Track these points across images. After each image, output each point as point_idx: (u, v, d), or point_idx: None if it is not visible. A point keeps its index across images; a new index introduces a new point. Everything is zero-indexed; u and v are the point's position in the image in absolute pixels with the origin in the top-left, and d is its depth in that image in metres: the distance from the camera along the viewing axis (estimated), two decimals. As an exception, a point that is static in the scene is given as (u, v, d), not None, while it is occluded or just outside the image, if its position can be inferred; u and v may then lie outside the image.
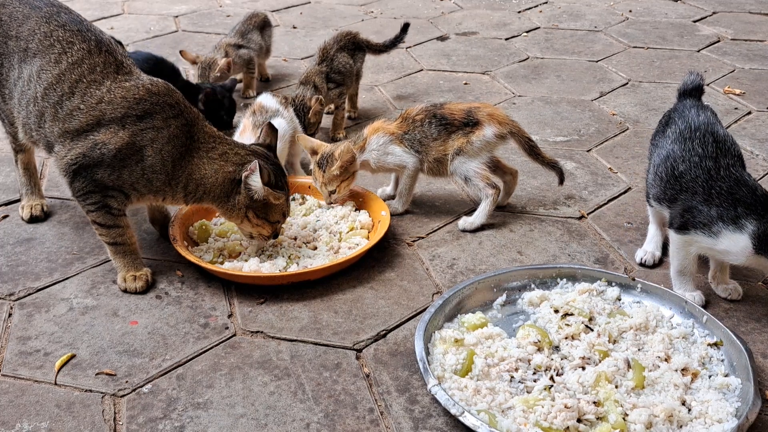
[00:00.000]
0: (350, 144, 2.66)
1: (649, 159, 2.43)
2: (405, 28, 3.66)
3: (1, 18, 2.38)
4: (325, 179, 2.63)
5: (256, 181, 2.27)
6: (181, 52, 3.63)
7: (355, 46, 3.51)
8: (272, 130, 2.49)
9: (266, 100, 2.96)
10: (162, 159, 2.24)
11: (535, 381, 1.91)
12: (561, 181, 2.77)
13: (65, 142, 2.25)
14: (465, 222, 2.70)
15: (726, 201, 2.06)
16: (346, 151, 2.60)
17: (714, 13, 5.25)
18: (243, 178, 2.28)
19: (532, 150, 2.73)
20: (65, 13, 2.36)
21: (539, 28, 5.00)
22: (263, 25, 4.04)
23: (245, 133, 2.84)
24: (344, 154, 2.59)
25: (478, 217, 2.69)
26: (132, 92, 2.24)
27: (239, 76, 4.03)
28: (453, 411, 1.78)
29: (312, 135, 3.20)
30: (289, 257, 2.44)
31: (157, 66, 3.27)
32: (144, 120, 2.22)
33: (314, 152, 2.68)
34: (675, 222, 2.18)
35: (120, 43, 3.38)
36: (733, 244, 2.05)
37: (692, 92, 2.43)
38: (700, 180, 2.13)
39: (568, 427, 1.76)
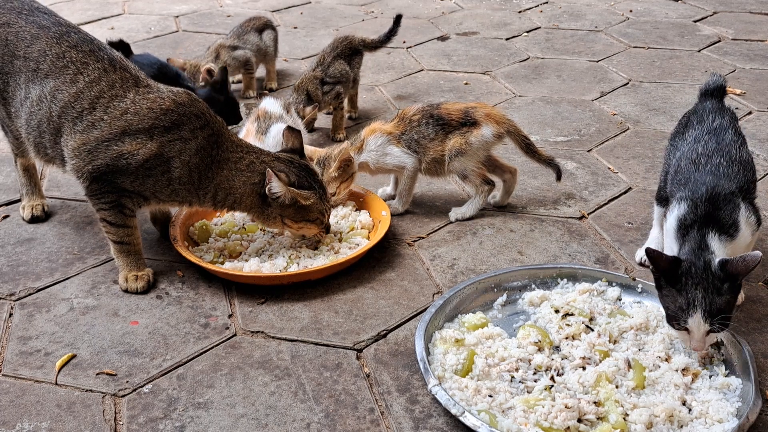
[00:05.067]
0: (348, 145, 2.66)
1: (665, 159, 2.42)
2: (397, 20, 3.65)
3: (6, 38, 2.35)
4: (324, 182, 2.63)
5: (276, 186, 2.28)
6: (168, 59, 3.59)
7: (351, 51, 3.50)
8: (293, 133, 2.50)
9: (270, 105, 2.94)
10: (189, 171, 2.25)
11: (535, 381, 1.91)
12: (558, 178, 2.79)
13: (83, 154, 2.23)
14: (456, 213, 2.74)
15: (686, 186, 2.09)
16: (342, 151, 2.60)
17: (715, 12, 5.25)
18: (266, 190, 2.29)
19: (528, 148, 2.75)
20: (75, 33, 2.34)
21: (540, 28, 5.00)
22: (263, 28, 4.00)
23: (248, 138, 2.83)
24: (341, 154, 2.59)
25: (468, 209, 2.74)
26: (158, 103, 2.23)
27: (238, 77, 4.02)
28: (453, 411, 1.78)
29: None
30: (289, 257, 2.44)
31: (160, 71, 3.25)
32: (171, 131, 2.22)
33: (310, 159, 2.68)
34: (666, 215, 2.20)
35: (127, 45, 3.38)
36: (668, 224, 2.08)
37: (714, 92, 2.43)
38: (689, 173, 2.14)
39: (568, 427, 1.76)
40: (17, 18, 2.37)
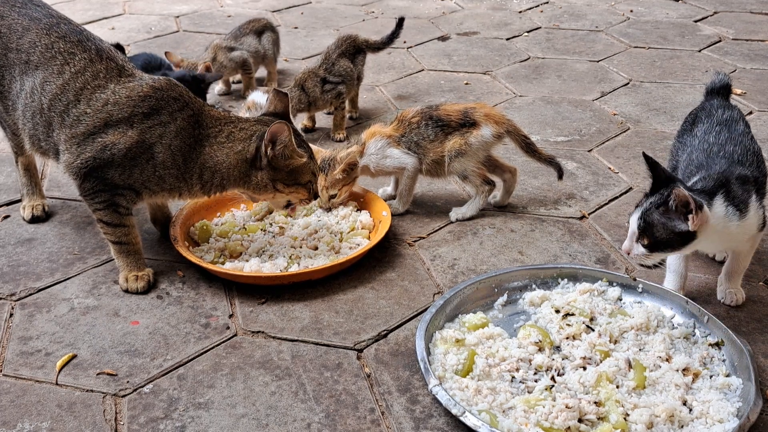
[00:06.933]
0: (356, 150, 2.66)
1: (671, 156, 2.42)
2: (400, 22, 3.66)
3: (0, 30, 2.38)
4: (328, 183, 2.63)
5: (285, 138, 2.22)
6: (166, 53, 3.62)
7: (355, 50, 3.51)
8: (279, 96, 2.46)
9: (259, 97, 2.98)
10: (172, 154, 2.24)
11: (536, 381, 1.91)
12: (560, 176, 2.78)
13: (72, 148, 2.25)
14: (456, 213, 2.74)
15: (699, 171, 2.10)
16: (350, 155, 2.60)
17: (715, 12, 5.25)
18: (267, 149, 2.23)
19: (528, 147, 2.75)
20: (65, 24, 2.36)
21: (540, 28, 5.00)
22: (262, 30, 3.99)
23: None
24: (348, 157, 2.59)
25: (469, 209, 2.74)
26: (136, 91, 2.24)
27: (238, 77, 4.02)
28: (454, 411, 1.78)
29: None
30: (289, 257, 2.44)
31: (147, 65, 3.28)
32: (151, 117, 2.23)
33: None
34: None
35: (120, 47, 3.39)
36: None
37: (720, 91, 2.43)
38: (701, 160, 2.14)
39: (569, 427, 1.76)
40: (10, 11, 2.40)
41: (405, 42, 4.67)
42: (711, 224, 1.97)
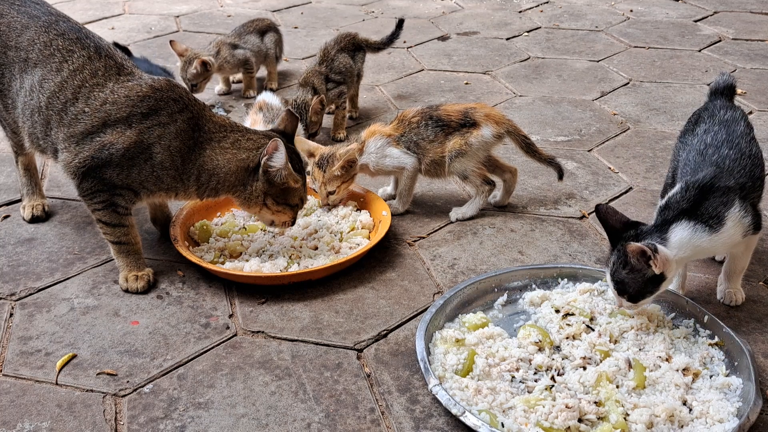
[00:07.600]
0: (355, 147, 2.66)
1: (673, 155, 2.41)
2: (400, 24, 3.66)
3: None
4: (325, 179, 2.63)
5: (280, 157, 2.25)
6: (171, 41, 3.64)
7: (355, 47, 3.52)
8: (291, 117, 2.47)
9: (270, 98, 2.98)
10: (171, 155, 2.24)
11: (536, 381, 1.91)
12: (560, 177, 2.78)
13: (71, 147, 2.25)
14: (456, 212, 2.74)
15: (691, 174, 2.11)
16: (349, 152, 2.61)
17: (715, 12, 5.25)
18: (262, 160, 2.26)
19: (528, 147, 2.75)
20: (63, 21, 2.36)
21: (540, 27, 5.00)
22: (266, 30, 4.00)
23: (256, 127, 2.86)
24: (347, 154, 2.60)
25: (469, 209, 2.74)
26: (135, 90, 2.24)
27: (238, 76, 4.02)
28: (454, 411, 1.78)
29: (313, 135, 3.22)
30: (290, 257, 2.44)
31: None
32: (150, 117, 2.23)
33: (311, 155, 2.69)
34: None
35: (126, 48, 3.39)
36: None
37: (724, 91, 2.42)
38: (696, 163, 2.14)
39: (569, 427, 1.76)
40: (9, 9, 2.40)
41: (405, 42, 4.67)
42: (674, 255, 1.96)
